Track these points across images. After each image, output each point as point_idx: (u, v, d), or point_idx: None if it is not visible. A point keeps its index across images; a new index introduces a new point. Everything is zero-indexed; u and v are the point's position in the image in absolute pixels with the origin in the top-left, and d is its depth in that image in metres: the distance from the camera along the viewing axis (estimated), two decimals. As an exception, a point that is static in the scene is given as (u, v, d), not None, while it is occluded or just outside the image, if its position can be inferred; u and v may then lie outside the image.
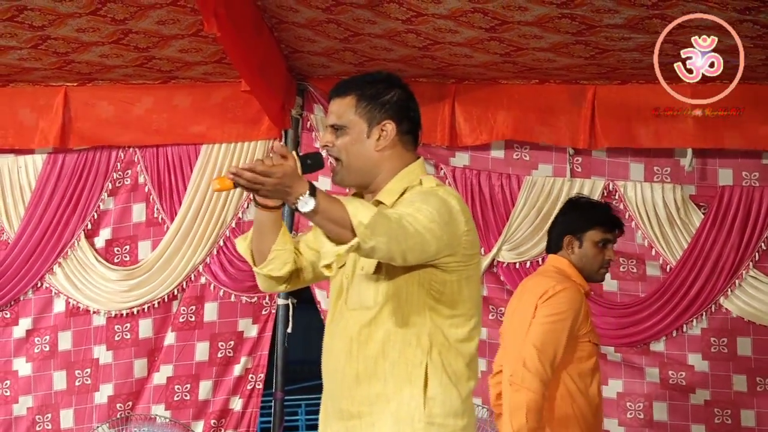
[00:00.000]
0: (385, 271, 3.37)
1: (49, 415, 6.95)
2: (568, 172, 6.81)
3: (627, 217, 6.67)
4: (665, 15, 5.47)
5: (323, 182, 6.60)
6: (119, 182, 7.01)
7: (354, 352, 3.40)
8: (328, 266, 3.15)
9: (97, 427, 6.85)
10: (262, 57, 6.19)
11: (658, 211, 6.71)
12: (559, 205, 6.63)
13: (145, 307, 6.90)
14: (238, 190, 3.21)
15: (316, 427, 3.59)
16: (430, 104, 6.68)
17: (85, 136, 6.98)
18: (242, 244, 3.63)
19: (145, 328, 6.93)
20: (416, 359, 3.35)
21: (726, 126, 6.57)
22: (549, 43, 6.08)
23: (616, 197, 6.76)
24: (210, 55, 6.44)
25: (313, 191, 3.09)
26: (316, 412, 3.61)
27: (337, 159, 3.46)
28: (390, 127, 3.45)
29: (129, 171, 6.99)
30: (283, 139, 6.90)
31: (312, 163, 3.40)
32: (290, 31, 6.20)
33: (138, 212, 7.00)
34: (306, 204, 3.08)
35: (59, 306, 6.98)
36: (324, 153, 3.51)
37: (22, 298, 7.01)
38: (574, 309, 4.89)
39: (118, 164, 6.99)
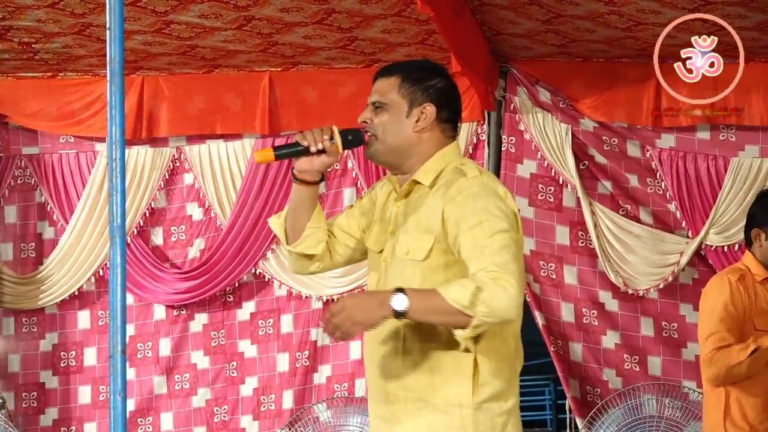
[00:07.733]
0: (435, 257, 3.38)
1: (273, 396, 7.08)
2: (774, 153, 6.67)
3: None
4: None
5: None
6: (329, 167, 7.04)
7: (400, 339, 3.40)
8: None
9: (312, 406, 6.96)
10: (464, 39, 6.17)
11: None
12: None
13: (356, 291, 6.83)
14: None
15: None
16: (633, 85, 6.68)
17: (292, 121, 7.02)
18: (276, 222, 3.67)
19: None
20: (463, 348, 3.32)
21: None
22: (754, 22, 5.99)
23: (826, 179, 6.59)
24: (412, 36, 6.41)
25: (400, 289, 3.20)
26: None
27: (373, 136, 3.51)
28: (430, 110, 3.48)
29: (337, 156, 7.04)
30: (486, 121, 6.91)
31: (353, 138, 3.51)
32: (492, 13, 6.16)
33: (349, 197, 7.00)
34: (400, 302, 3.18)
35: (278, 290, 7.12)
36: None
37: (238, 283, 7.12)
38: (721, 298, 4.84)
39: (326, 149, 7.00)
